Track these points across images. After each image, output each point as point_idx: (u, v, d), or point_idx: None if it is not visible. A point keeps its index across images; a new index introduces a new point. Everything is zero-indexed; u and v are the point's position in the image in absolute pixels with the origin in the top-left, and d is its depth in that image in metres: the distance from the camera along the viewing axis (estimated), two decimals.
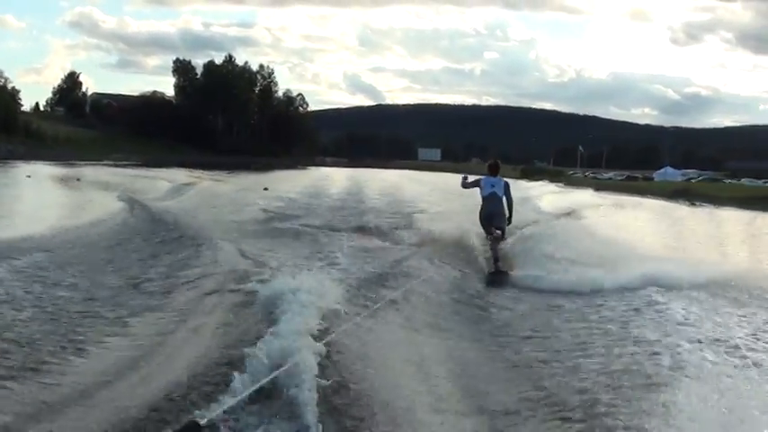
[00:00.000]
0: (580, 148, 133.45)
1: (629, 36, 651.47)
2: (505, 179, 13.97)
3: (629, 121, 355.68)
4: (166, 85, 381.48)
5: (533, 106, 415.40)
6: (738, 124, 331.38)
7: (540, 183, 55.69)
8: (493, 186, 13.50)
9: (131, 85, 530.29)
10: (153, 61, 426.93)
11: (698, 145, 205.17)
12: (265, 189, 33.99)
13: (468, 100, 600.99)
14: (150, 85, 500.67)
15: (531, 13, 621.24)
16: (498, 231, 13.03)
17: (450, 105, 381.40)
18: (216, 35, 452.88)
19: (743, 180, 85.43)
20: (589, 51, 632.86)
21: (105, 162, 77.25)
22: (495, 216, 13.27)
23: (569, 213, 23.80)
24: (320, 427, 4.78)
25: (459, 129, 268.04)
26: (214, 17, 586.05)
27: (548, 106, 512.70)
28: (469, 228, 14.89)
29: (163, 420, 4.81)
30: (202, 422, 4.33)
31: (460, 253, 14.22)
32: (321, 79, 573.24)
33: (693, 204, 41.40)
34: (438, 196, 32.43)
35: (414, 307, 9.48)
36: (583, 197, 37.03)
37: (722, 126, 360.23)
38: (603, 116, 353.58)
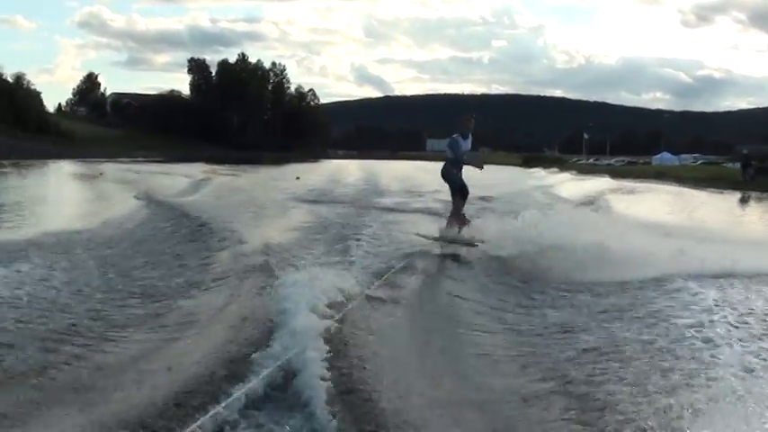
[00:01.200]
0: (585, 135, 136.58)
1: (639, 20, 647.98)
2: (454, 135, 12.88)
3: (640, 106, 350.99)
4: (177, 82, 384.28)
5: (543, 94, 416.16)
6: (753, 106, 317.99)
7: (534, 169, 60.38)
8: (446, 148, 13.16)
9: (141, 82, 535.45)
10: (162, 58, 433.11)
11: (711, 129, 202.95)
12: (297, 178, 38.26)
13: (476, 89, 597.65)
14: (160, 82, 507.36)
15: None
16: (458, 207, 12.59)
17: (458, 95, 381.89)
18: (224, 31, 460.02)
19: (737, 164, 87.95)
20: (598, 37, 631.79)
21: (133, 159, 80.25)
22: (445, 175, 12.93)
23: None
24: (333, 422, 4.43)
25: None
26: (221, 13, 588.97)
27: (557, 93, 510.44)
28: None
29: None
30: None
31: None
32: (328, 72, 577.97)
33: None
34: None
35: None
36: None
37: (736, 109, 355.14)
38: (614, 102, 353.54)
